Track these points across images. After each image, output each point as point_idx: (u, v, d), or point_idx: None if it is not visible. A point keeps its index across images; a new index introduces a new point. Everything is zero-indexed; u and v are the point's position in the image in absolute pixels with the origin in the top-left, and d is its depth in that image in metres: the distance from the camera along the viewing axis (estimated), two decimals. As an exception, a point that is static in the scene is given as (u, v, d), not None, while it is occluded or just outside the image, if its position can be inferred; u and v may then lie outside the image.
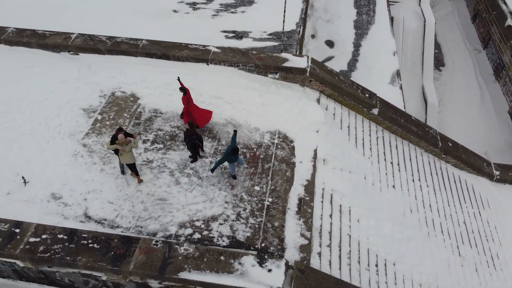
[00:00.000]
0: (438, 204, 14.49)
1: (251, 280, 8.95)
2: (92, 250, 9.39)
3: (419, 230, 13.12)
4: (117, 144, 10.47)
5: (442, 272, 12.42)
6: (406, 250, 12.17)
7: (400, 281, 11.45)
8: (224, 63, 14.73)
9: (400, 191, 13.86)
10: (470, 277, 12.94)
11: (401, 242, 12.25)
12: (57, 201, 11.19)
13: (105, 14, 19.33)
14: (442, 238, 13.48)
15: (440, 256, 12.84)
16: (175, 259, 9.24)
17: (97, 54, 15.30)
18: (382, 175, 13.91)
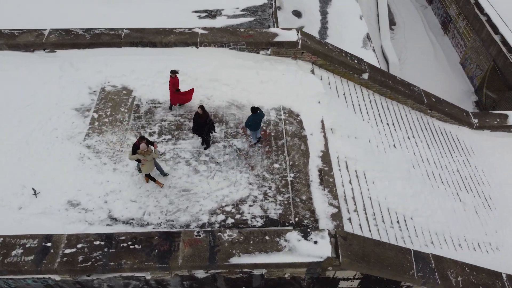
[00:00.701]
0: (433, 157, 15.37)
1: (301, 254, 9.19)
2: (134, 251, 9.17)
3: (424, 183, 13.92)
4: (138, 154, 10.04)
5: (450, 219, 13.34)
6: (419, 204, 12.91)
7: (420, 233, 12.19)
8: (214, 44, 14.41)
9: (400, 150, 14.53)
10: (472, 220, 14.00)
11: (412, 197, 12.96)
12: (76, 208, 10.70)
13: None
14: (444, 188, 14.41)
15: (446, 205, 13.75)
16: (221, 246, 9.25)
17: (76, 49, 14.39)
18: (383, 136, 14.47)
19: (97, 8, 17.66)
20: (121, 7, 18.42)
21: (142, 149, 9.90)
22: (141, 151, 9.92)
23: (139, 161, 10.33)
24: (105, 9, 17.74)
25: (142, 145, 9.92)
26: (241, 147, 12.18)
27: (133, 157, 10.21)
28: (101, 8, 17.76)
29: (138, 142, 10.08)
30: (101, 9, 17.78)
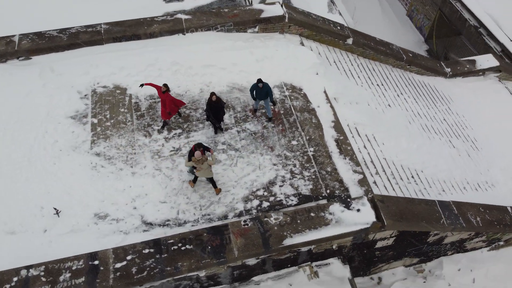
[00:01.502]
0: (422, 110, 16.19)
1: (348, 224, 9.53)
2: (187, 252, 9.05)
3: (422, 136, 14.71)
4: (193, 161, 9.67)
5: (451, 166, 14.28)
6: (424, 156, 13.67)
7: (432, 183, 12.98)
8: (201, 28, 13.95)
9: (395, 108, 15.15)
10: (468, 163, 15.08)
11: (417, 151, 13.68)
12: (106, 220, 10.27)
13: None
14: (438, 138, 15.31)
15: (444, 153, 14.67)
16: (272, 231, 9.37)
17: (54, 53, 13.36)
18: (377, 98, 14.98)
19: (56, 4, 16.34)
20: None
21: (197, 157, 9.55)
22: (195, 158, 9.57)
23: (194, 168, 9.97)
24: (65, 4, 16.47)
25: (197, 153, 9.56)
26: (255, 129, 12.13)
27: (188, 164, 9.84)
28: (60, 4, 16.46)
29: (194, 148, 9.71)
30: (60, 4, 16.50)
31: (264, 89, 11.59)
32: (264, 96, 11.76)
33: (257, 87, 11.46)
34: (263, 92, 11.65)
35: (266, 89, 11.64)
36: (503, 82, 19.53)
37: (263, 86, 11.44)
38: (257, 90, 11.65)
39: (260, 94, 11.72)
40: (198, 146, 9.66)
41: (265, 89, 11.63)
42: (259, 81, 11.38)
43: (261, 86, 11.40)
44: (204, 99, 12.85)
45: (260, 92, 11.66)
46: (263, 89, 11.62)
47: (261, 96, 11.77)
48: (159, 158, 11.40)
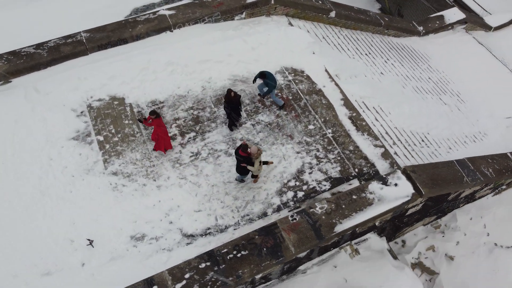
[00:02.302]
0: (409, 73, 16.64)
1: (390, 200, 9.77)
2: (245, 258, 8.91)
3: (417, 99, 15.18)
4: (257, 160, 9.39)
5: (447, 123, 14.91)
6: (425, 119, 14.15)
7: (439, 143, 13.51)
8: (188, 23, 13.30)
9: (387, 75, 15.45)
10: (460, 117, 15.81)
11: (419, 114, 14.12)
12: (144, 240, 9.85)
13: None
14: (430, 97, 15.87)
15: (439, 111, 15.27)
16: (321, 221, 9.41)
17: (36, 72, 12.24)
18: (369, 68, 15.17)
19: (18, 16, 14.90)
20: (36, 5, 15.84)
21: (255, 152, 9.23)
22: (257, 154, 9.22)
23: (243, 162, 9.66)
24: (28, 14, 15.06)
25: (253, 148, 9.25)
26: (269, 120, 11.95)
27: (258, 167, 9.55)
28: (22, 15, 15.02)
29: (242, 150, 9.30)
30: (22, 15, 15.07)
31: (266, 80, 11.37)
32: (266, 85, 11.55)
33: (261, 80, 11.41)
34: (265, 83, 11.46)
35: (267, 80, 11.40)
36: (469, 32, 20.42)
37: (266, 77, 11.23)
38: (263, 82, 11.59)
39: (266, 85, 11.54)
40: (245, 147, 9.34)
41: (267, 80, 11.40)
42: (262, 75, 11.18)
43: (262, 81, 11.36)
44: (208, 96, 12.41)
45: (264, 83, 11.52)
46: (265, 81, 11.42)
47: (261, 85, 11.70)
48: (180, 166, 10.98)
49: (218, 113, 12.01)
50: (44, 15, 16.54)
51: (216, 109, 12.07)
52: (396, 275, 10.79)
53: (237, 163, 9.73)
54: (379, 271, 10.88)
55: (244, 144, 9.38)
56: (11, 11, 17.00)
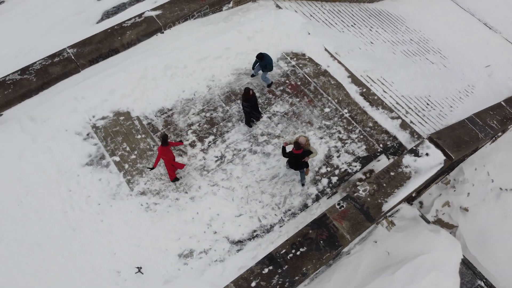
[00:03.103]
0: (393, 37, 16.87)
1: (426, 171, 10.04)
2: (305, 254, 8.92)
3: (409, 63, 15.47)
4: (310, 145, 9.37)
5: (441, 82, 15.37)
6: (422, 81, 14.48)
7: (440, 104, 13.92)
8: (178, 21, 12.62)
9: (377, 44, 15.58)
10: (448, 74, 16.34)
11: (416, 78, 14.42)
12: (193, 256, 9.60)
13: None
14: (418, 59, 16.24)
15: (431, 71, 15.68)
16: (367, 203, 9.54)
17: (27, 99, 11.26)
18: (360, 39, 15.21)
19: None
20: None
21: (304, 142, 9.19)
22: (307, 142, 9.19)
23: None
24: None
25: (301, 139, 9.15)
26: (284, 110, 11.78)
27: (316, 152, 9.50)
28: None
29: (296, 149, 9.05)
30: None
31: (264, 62, 11.15)
32: (263, 67, 11.34)
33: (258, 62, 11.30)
34: (263, 65, 11.29)
35: (266, 62, 11.20)
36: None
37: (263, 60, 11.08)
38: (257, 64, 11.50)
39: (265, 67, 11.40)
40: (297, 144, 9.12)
41: (265, 62, 11.19)
42: (260, 57, 10.99)
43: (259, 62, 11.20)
44: (217, 95, 12.00)
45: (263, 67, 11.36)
46: (263, 63, 11.20)
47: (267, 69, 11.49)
48: (208, 173, 10.65)
49: (231, 111, 11.67)
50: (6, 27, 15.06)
51: (228, 107, 11.72)
52: (433, 238, 11.20)
53: (294, 161, 9.44)
54: (417, 237, 11.25)
55: (295, 143, 9.15)
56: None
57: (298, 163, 9.46)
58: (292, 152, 9.28)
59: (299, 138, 9.29)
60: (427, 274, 10.36)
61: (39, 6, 15.32)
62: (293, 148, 9.18)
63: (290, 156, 9.39)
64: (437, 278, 10.48)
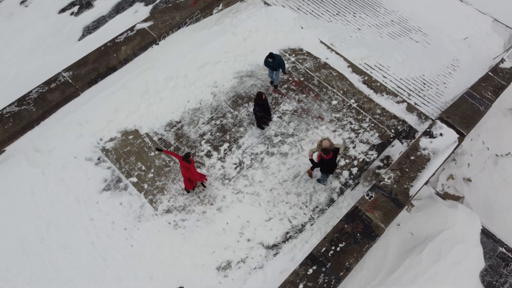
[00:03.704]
0: (376, 20, 17.09)
1: (443, 150, 10.36)
2: (345, 249, 9.05)
3: (397, 44, 15.77)
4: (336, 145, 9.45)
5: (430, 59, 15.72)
6: (414, 61, 14.79)
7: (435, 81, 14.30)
8: (171, 30, 12.33)
9: (364, 29, 15.75)
10: (433, 51, 16.73)
11: (408, 59, 14.70)
12: (232, 267, 9.55)
13: None
14: (404, 39, 16.53)
15: (419, 50, 16.03)
16: (394, 190, 9.76)
17: (29, 131, 10.76)
18: (348, 26, 15.33)
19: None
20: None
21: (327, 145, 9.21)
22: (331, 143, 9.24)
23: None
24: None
25: (324, 143, 9.13)
26: (293, 107, 11.80)
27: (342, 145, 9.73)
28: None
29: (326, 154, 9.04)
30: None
31: (275, 62, 11.13)
32: (276, 67, 11.32)
33: (268, 62, 11.05)
34: (275, 64, 11.21)
35: (277, 61, 11.19)
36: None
37: (274, 59, 10.97)
38: (269, 64, 11.28)
39: (272, 67, 11.28)
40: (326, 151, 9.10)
41: (277, 61, 11.18)
42: (270, 56, 10.89)
43: (271, 60, 10.95)
44: (223, 101, 11.87)
45: (272, 65, 11.23)
46: (275, 62, 11.17)
47: (273, 67, 11.37)
48: (230, 182, 10.58)
49: (241, 115, 11.59)
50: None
51: (236, 112, 11.62)
52: (452, 213, 11.61)
53: (329, 165, 9.42)
54: (436, 215, 11.63)
55: (323, 149, 9.09)
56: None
57: (333, 165, 9.46)
58: (323, 159, 9.26)
59: (322, 143, 9.29)
60: (452, 249, 10.73)
61: (15, 28, 14.57)
62: (322, 154, 9.14)
63: (323, 163, 9.36)
64: (461, 251, 10.87)
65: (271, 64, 11.09)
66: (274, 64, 11.12)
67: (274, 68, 11.33)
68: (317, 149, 9.55)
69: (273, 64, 11.09)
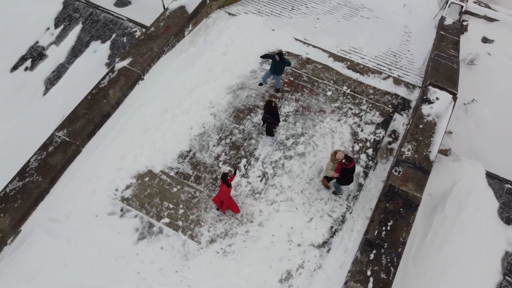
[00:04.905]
0: (325, 7, 17.72)
1: (443, 112, 11.16)
2: (394, 226, 9.49)
3: (354, 25, 16.54)
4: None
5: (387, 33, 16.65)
6: (377, 39, 15.62)
7: (403, 51, 15.20)
8: (153, 62, 12.03)
9: (322, 17, 16.32)
10: (386, 25, 17.72)
11: (371, 37, 15.40)
12: (293, 276, 9.64)
13: None
14: (357, 19, 17.31)
15: (373, 27, 16.87)
16: (417, 160, 10.38)
17: (40, 203, 10.04)
18: (308, 18, 15.79)
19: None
20: None
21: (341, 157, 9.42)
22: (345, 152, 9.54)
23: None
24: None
25: (339, 154, 9.24)
26: (293, 108, 12.05)
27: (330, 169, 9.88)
28: None
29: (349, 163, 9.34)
30: None
31: (281, 64, 11.25)
32: (279, 71, 11.51)
33: (275, 61, 11.11)
34: (279, 67, 11.33)
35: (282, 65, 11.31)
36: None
37: (280, 60, 11.12)
38: (274, 65, 11.30)
39: (276, 69, 11.41)
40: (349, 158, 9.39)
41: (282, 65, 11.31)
42: (280, 56, 10.98)
43: (279, 59, 11.08)
44: (225, 119, 11.83)
45: (275, 67, 11.34)
46: (280, 64, 11.25)
47: (277, 71, 11.47)
48: (261, 195, 10.64)
49: (247, 128, 11.64)
50: None
51: (242, 126, 11.65)
52: (458, 166, 12.51)
53: (350, 172, 9.66)
54: (445, 172, 12.46)
55: (347, 158, 9.38)
56: None
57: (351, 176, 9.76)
58: (345, 168, 9.52)
59: (337, 155, 9.58)
60: (468, 198, 11.61)
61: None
62: (345, 163, 9.37)
63: (345, 172, 9.61)
64: (477, 197, 11.79)
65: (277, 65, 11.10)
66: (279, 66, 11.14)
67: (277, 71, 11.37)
68: (333, 163, 9.87)
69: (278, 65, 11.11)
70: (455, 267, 10.71)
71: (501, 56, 18.49)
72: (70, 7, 15.68)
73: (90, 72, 14.09)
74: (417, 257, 10.38)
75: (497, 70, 17.51)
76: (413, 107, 12.04)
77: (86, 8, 15.53)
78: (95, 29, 14.99)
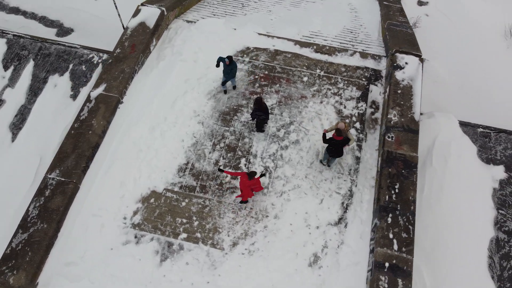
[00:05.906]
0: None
1: (414, 74, 11.89)
2: (402, 188, 10.06)
3: (305, 10, 17.09)
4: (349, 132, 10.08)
5: (336, 12, 17.41)
6: (330, 20, 16.26)
7: (359, 26, 15.98)
8: (127, 84, 11.81)
9: (273, 8, 16.71)
10: (332, 4, 18.48)
11: (324, 19, 16.05)
12: (320, 257, 9.95)
13: None
14: (305, 4, 17.95)
15: (320, 9, 17.58)
16: (404, 122, 11.03)
17: (51, 250, 9.61)
18: (261, 12, 16.13)
19: None
20: None
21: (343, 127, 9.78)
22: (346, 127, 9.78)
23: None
24: None
25: (340, 125, 9.58)
26: (276, 100, 12.30)
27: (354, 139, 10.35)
28: None
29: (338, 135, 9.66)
30: None
31: (230, 66, 11.45)
32: (233, 74, 11.65)
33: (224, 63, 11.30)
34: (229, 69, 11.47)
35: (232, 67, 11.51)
36: None
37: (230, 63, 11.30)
38: (225, 69, 11.46)
39: (229, 73, 11.56)
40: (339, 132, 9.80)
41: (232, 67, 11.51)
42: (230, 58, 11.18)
43: (228, 62, 11.26)
44: (213, 125, 11.87)
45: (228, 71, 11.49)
46: (230, 67, 11.45)
47: (231, 74, 11.62)
48: (269, 188, 10.85)
49: (238, 128, 11.77)
50: None
51: (232, 128, 11.77)
52: (433, 122, 13.41)
53: (335, 148, 10.01)
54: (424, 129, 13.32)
55: (337, 130, 9.77)
56: None
57: (338, 151, 10.13)
58: (332, 138, 9.96)
59: (338, 124, 10.07)
60: (450, 148, 12.48)
61: None
62: (334, 134, 9.86)
63: (331, 142, 10.01)
64: (457, 146, 12.69)
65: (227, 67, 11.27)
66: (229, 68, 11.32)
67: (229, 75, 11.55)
68: (332, 129, 10.34)
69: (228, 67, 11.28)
70: (455, 215, 11.50)
71: (438, 15, 19.91)
72: (16, 45, 14.86)
73: (56, 108, 13.47)
74: (420, 214, 11.03)
75: (438, 28, 18.84)
76: (384, 76, 12.72)
77: (33, 43, 14.79)
78: (49, 63, 14.33)
